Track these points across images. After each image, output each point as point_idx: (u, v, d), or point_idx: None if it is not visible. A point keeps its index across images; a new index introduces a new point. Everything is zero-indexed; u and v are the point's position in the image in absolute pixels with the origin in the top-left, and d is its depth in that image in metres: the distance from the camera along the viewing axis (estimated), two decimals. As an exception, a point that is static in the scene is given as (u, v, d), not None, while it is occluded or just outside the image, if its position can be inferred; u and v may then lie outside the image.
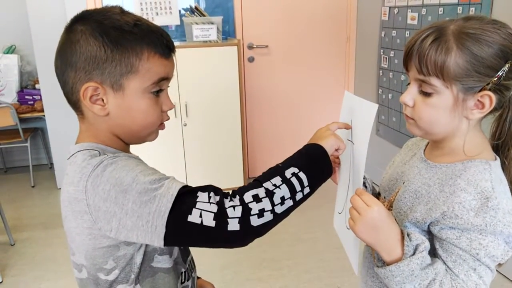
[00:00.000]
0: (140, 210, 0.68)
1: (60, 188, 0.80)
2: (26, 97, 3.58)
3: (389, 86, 3.09)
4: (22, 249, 2.66)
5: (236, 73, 2.95)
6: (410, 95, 0.80)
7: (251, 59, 3.39)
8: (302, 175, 0.74)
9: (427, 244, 0.75)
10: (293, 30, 3.41)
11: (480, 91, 0.74)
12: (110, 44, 0.73)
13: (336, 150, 0.83)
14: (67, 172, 0.77)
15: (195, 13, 3.01)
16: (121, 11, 0.78)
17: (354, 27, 3.50)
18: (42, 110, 3.40)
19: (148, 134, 0.83)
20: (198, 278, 1.04)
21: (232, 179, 3.18)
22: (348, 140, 0.91)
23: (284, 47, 3.42)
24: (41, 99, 3.41)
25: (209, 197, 0.69)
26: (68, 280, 2.31)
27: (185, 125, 2.95)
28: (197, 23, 2.92)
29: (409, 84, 0.82)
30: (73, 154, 0.78)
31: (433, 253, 0.78)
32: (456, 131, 0.79)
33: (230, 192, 0.73)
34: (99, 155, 0.75)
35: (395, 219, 0.79)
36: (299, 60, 3.48)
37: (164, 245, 0.69)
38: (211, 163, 3.11)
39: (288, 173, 0.74)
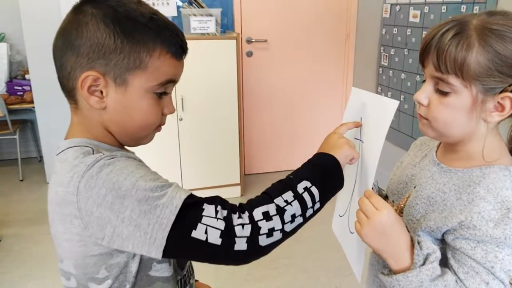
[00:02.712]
0: (139, 220, 0.62)
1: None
2: (15, 87, 3.50)
3: (389, 84, 3.05)
4: (8, 246, 2.58)
5: (234, 67, 2.88)
6: (425, 94, 0.75)
7: (249, 54, 3.32)
8: (314, 190, 0.70)
9: (438, 254, 0.71)
10: (293, 25, 3.35)
11: (501, 92, 0.69)
12: (122, 34, 0.67)
13: (350, 160, 0.79)
14: (56, 170, 0.70)
15: (193, 4, 2.93)
16: (138, 1, 0.71)
17: (354, 24, 3.45)
18: (32, 102, 3.33)
19: (144, 136, 0.77)
20: (196, 281, 0.98)
21: (228, 176, 3.13)
22: (356, 139, 0.86)
23: (283, 42, 3.37)
24: (31, 90, 3.34)
25: (216, 212, 0.64)
26: (56, 279, 2.22)
27: (181, 119, 2.88)
28: (195, 15, 2.84)
29: (424, 81, 0.77)
30: (62, 151, 0.71)
31: (444, 262, 0.74)
32: (473, 134, 0.74)
33: (238, 204, 0.68)
34: (93, 153, 0.68)
35: (406, 226, 0.75)
36: (298, 56, 3.43)
37: (162, 257, 0.63)
38: (206, 159, 3.05)
39: (300, 187, 0.69)
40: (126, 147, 0.81)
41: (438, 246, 0.74)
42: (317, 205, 0.71)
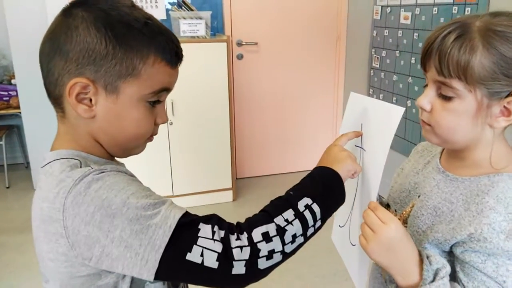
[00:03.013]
0: (130, 240, 0.58)
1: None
2: (1, 92, 3.42)
3: (380, 86, 3.04)
4: (-6, 255, 2.51)
5: (225, 70, 2.85)
6: (428, 98, 0.72)
7: (240, 57, 3.29)
8: (315, 207, 0.67)
9: (448, 269, 0.68)
10: (283, 27, 3.33)
11: (507, 96, 0.66)
12: (114, 39, 0.63)
13: (352, 174, 0.75)
14: (40, 184, 0.66)
15: (183, 7, 2.89)
16: (132, 4, 0.67)
17: (345, 26, 3.44)
18: (18, 107, 3.26)
19: (135, 147, 0.73)
20: None
21: (219, 180, 3.09)
22: (356, 146, 0.83)
23: (274, 44, 3.34)
24: (17, 95, 3.27)
25: (213, 232, 0.60)
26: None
27: (171, 124, 2.83)
28: (184, 18, 2.80)
29: (426, 86, 0.74)
30: (48, 163, 0.67)
31: (451, 275, 0.71)
32: (479, 140, 0.72)
33: (235, 224, 0.64)
34: (80, 166, 0.64)
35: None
36: (289, 58, 3.41)
37: (154, 279, 0.59)
38: (197, 163, 3.00)
39: (301, 205, 0.66)
40: (116, 158, 0.77)
41: (446, 258, 0.71)
42: (318, 223, 0.68)
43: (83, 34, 0.63)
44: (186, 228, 0.60)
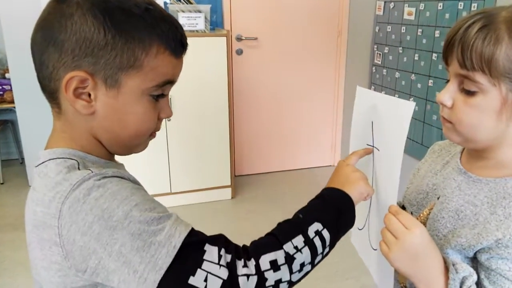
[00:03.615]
0: (130, 256, 0.53)
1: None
2: (-5, 86, 3.35)
3: (382, 83, 2.99)
4: (-12, 253, 2.45)
5: (224, 65, 2.79)
6: (449, 94, 0.68)
7: (239, 52, 3.23)
8: (325, 233, 0.64)
9: (475, 277, 0.64)
10: (284, 22, 3.27)
11: None
12: (113, 27, 0.58)
13: (365, 197, 0.73)
14: (35, 185, 0.61)
15: (181, 0, 2.83)
16: None
17: (346, 21, 3.39)
18: (13, 101, 3.19)
19: (137, 144, 0.69)
20: None
21: (218, 177, 3.04)
22: (368, 145, 0.78)
23: (274, 39, 3.29)
24: (11, 90, 3.20)
25: (219, 256, 0.56)
26: None
27: (169, 120, 2.77)
28: (183, 11, 2.74)
29: (448, 81, 0.69)
30: (43, 162, 0.62)
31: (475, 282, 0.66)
32: (503, 138, 0.67)
33: (242, 247, 0.61)
34: (78, 167, 0.59)
35: None
36: (289, 54, 3.35)
37: None
38: (196, 160, 2.95)
39: (311, 231, 0.63)
40: (116, 157, 0.72)
41: (469, 265, 0.67)
42: (327, 250, 0.65)
43: (79, 22, 0.57)
44: (191, 249, 0.56)
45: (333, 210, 0.67)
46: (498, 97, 0.63)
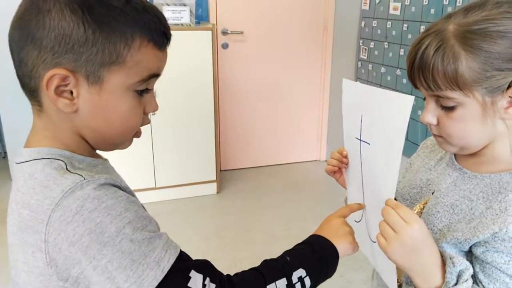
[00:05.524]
0: (116, 273, 0.52)
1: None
2: (-28, 79, 3.23)
3: (368, 78, 3.00)
4: (-34, 251, 2.37)
5: (209, 59, 2.76)
6: (431, 112, 0.69)
7: (225, 46, 3.20)
8: (307, 280, 0.67)
9: (471, 271, 0.64)
10: (269, 16, 3.25)
11: (509, 87, 0.63)
12: (93, 22, 0.55)
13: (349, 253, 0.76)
14: (18, 185, 0.58)
15: (166, -7, 2.78)
16: None
17: (332, 16, 3.39)
18: (-8, 95, 3.07)
19: (122, 141, 0.67)
20: None
21: (203, 172, 3.01)
22: (357, 138, 0.76)
23: (259, 34, 3.27)
24: (-10, 82, 3.08)
25: (203, 285, 0.57)
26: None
27: (154, 114, 2.73)
28: (168, 4, 2.70)
29: (424, 98, 0.71)
30: (27, 161, 0.59)
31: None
32: (494, 136, 0.68)
33: (227, 277, 0.62)
34: (66, 168, 0.57)
35: None
36: (275, 48, 3.34)
37: None
38: (181, 155, 2.91)
39: (295, 276, 0.66)
40: (100, 152, 0.69)
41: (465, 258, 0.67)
42: None
43: (57, 18, 0.55)
44: (177, 274, 0.56)
45: (318, 260, 0.70)
46: (476, 104, 0.64)
